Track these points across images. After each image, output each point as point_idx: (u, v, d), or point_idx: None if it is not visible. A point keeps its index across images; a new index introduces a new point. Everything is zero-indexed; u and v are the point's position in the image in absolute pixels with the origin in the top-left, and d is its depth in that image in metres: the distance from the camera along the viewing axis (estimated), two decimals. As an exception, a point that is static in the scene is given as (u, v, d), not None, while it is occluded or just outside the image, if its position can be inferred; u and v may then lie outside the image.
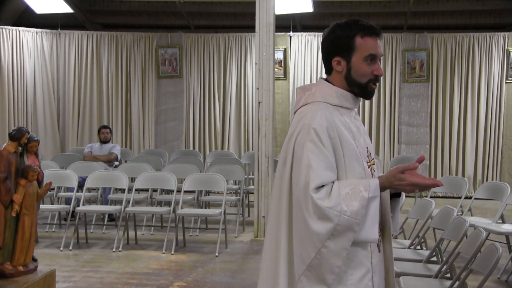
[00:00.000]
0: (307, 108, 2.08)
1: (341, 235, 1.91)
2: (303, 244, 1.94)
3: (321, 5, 10.55)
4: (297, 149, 2.00)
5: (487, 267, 3.22)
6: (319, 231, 1.90)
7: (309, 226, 1.91)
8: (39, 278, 4.04)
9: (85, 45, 10.94)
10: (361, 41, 2.05)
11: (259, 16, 6.95)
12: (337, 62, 2.09)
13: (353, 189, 1.94)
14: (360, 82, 2.08)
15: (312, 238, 1.91)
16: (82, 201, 6.89)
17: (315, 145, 1.96)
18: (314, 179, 1.92)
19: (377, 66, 2.07)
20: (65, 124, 11.01)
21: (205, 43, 10.90)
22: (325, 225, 1.90)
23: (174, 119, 10.90)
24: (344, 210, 1.90)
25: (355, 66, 2.06)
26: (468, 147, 10.48)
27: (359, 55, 2.05)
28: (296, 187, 1.97)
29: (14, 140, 4.08)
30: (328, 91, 2.10)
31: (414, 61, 10.48)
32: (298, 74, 10.79)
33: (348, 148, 2.02)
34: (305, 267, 1.94)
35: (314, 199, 1.90)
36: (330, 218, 1.90)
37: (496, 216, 5.85)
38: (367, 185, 1.96)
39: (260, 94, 6.95)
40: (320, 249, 1.91)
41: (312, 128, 1.98)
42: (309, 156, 1.95)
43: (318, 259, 1.92)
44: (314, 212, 1.91)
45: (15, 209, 3.98)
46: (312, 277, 1.94)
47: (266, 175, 6.91)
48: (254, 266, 5.74)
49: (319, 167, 1.94)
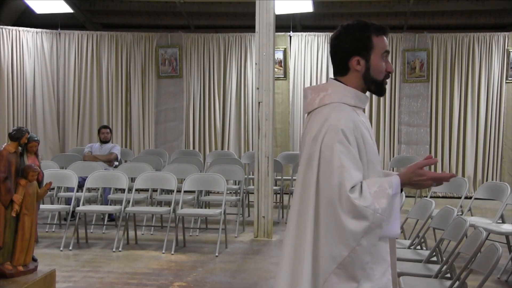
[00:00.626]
0: (328, 109, 2.11)
1: (373, 232, 1.98)
2: (335, 243, 1.98)
3: (321, 5, 10.55)
4: (325, 150, 2.03)
5: (487, 267, 3.22)
6: (355, 229, 1.96)
7: (344, 225, 1.97)
8: (39, 278, 4.04)
9: (85, 45, 10.94)
10: (377, 39, 2.15)
11: (259, 16, 6.95)
12: (356, 61, 2.15)
13: (380, 187, 2.02)
14: (378, 79, 2.17)
15: (346, 237, 1.97)
16: (82, 201, 6.89)
17: (344, 146, 2.01)
18: (349, 179, 1.98)
19: (389, 63, 2.20)
20: (65, 124, 11.00)
21: (205, 43, 10.90)
22: (361, 223, 1.97)
23: (174, 119, 10.90)
24: (376, 208, 1.98)
25: (374, 64, 2.15)
26: (468, 147, 10.48)
27: (377, 53, 2.15)
28: (328, 187, 2.00)
29: (14, 140, 4.08)
30: (344, 92, 2.15)
31: (414, 61, 10.47)
32: (298, 74, 10.79)
33: (370, 148, 2.10)
34: (336, 265, 1.99)
35: (352, 199, 1.96)
36: (367, 217, 1.97)
37: (496, 216, 5.85)
38: (390, 182, 2.04)
39: (260, 94, 6.95)
40: (354, 247, 1.97)
41: (340, 129, 2.03)
42: (340, 157, 2.00)
43: (351, 257, 1.97)
44: (350, 211, 1.96)
45: (15, 209, 3.98)
46: (343, 275, 1.99)
47: (266, 175, 6.91)
48: (254, 266, 5.74)
49: (350, 168, 2.00)
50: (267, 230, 6.93)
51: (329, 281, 1.99)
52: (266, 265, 5.78)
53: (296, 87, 10.79)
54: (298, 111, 10.80)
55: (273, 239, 6.92)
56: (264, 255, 6.21)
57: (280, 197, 8.41)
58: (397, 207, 2.05)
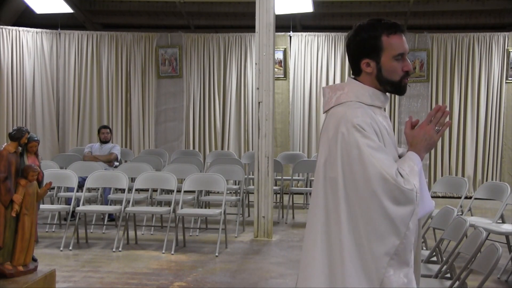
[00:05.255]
0: (344, 107, 2.07)
1: (416, 212, 1.97)
2: (385, 237, 1.94)
3: (321, 5, 10.55)
4: (348, 147, 1.99)
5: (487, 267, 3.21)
6: (404, 215, 1.94)
7: (391, 215, 1.93)
8: (39, 278, 4.04)
9: (85, 45, 10.94)
10: (388, 40, 2.07)
11: (259, 16, 6.94)
12: (366, 64, 2.10)
13: (409, 166, 2.00)
14: (393, 80, 2.10)
15: (396, 225, 1.94)
16: (82, 201, 6.89)
17: (368, 138, 1.98)
18: (389, 167, 1.95)
19: (407, 62, 2.10)
20: (65, 124, 11.01)
21: (205, 43, 10.90)
22: (408, 208, 1.95)
23: (174, 119, 10.90)
24: (417, 187, 1.96)
25: (386, 65, 2.08)
26: (468, 147, 10.48)
27: (388, 54, 2.07)
28: (365, 184, 1.95)
29: (14, 140, 4.08)
30: (361, 91, 2.11)
31: (414, 61, 10.47)
32: (298, 74, 10.79)
33: (388, 145, 2.06)
34: (389, 258, 1.95)
35: (400, 185, 1.93)
36: (413, 200, 1.95)
37: (496, 216, 5.85)
38: (413, 159, 2.03)
39: (260, 94, 6.95)
40: (405, 233, 1.95)
41: (356, 124, 1.99)
42: (369, 151, 1.96)
43: (403, 244, 1.96)
44: (396, 198, 1.93)
45: (15, 209, 3.98)
46: (397, 264, 1.96)
47: (266, 175, 6.91)
48: (254, 266, 5.74)
49: (383, 156, 1.97)
50: (267, 230, 6.93)
51: (386, 275, 1.95)
52: (266, 265, 5.78)
53: (296, 87, 10.79)
54: (298, 111, 10.79)
55: (273, 239, 6.91)
56: (264, 255, 6.21)
57: (280, 197, 8.41)
58: (423, 181, 2.03)
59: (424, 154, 2.07)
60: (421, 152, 2.06)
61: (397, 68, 2.08)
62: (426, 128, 2.06)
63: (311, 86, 10.76)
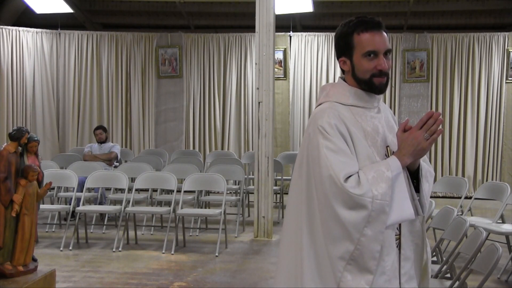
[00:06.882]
0: (319, 108, 2.10)
1: (376, 219, 1.91)
2: (338, 240, 1.93)
3: (321, 5, 10.56)
4: (312, 149, 2.00)
5: (487, 267, 3.21)
6: (355, 221, 1.90)
7: (342, 219, 1.91)
8: (39, 278, 4.04)
9: (85, 45, 10.94)
10: (358, 37, 2.04)
11: (259, 16, 6.94)
12: (342, 62, 2.11)
13: (377, 171, 1.95)
14: (364, 78, 2.06)
15: (348, 230, 1.91)
16: (82, 201, 6.89)
17: (328, 141, 1.97)
18: (340, 170, 1.93)
19: (380, 60, 2.04)
20: (65, 124, 11.00)
21: (205, 43, 10.90)
22: (359, 213, 1.90)
23: (174, 119, 10.90)
24: (375, 194, 1.91)
25: (357, 63, 2.06)
26: (468, 147, 10.48)
27: (358, 52, 2.04)
28: (320, 185, 1.96)
29: (14, 140, 4.08)
30: (341, 91, 2.11)
31: (414, 61, 10.48)
32: (298, 74, 10.79)
33: (359, 147, 2.02)
34: (345, 262, 1.93)
35: (346, 189, 1.90)
36: (365, 206, 1.90)
37: (496, 216, 5.85)
38: (387, 164, 1.97)
39: (260, 94, 6.95)
40: (359, 239, 1.91)
41: (320, 126, 1.99)
42: (326, 153, 1.95)
43: (358, 250, 1.92)
44: (346, 202, 1.91)
45: (15, 209, 3.98)
46: (355, 270, 1.94)
47: (266, 175, 6.91)
48: (254, 266, 5.74)
49: (338, 161, 1.94)
50: (267, 230, 6.93)
51: (343, 280, 1.94)
52: (266, 265, 5.78)
53: (296, 87, 10.79)
54: (298, 111, 10.80)
55: (273, 239, 6.92)
56: (264, 255, 6.21)
57: (280, 197, 8.40)
58: (400, 187, 1.97)
59: (409, 159, 2.00)
60: (405, 157, 1.99)
61: (367, 66, 2.04)
62: (415, 134, 1.98)
63: (311, 86, 10.76)
